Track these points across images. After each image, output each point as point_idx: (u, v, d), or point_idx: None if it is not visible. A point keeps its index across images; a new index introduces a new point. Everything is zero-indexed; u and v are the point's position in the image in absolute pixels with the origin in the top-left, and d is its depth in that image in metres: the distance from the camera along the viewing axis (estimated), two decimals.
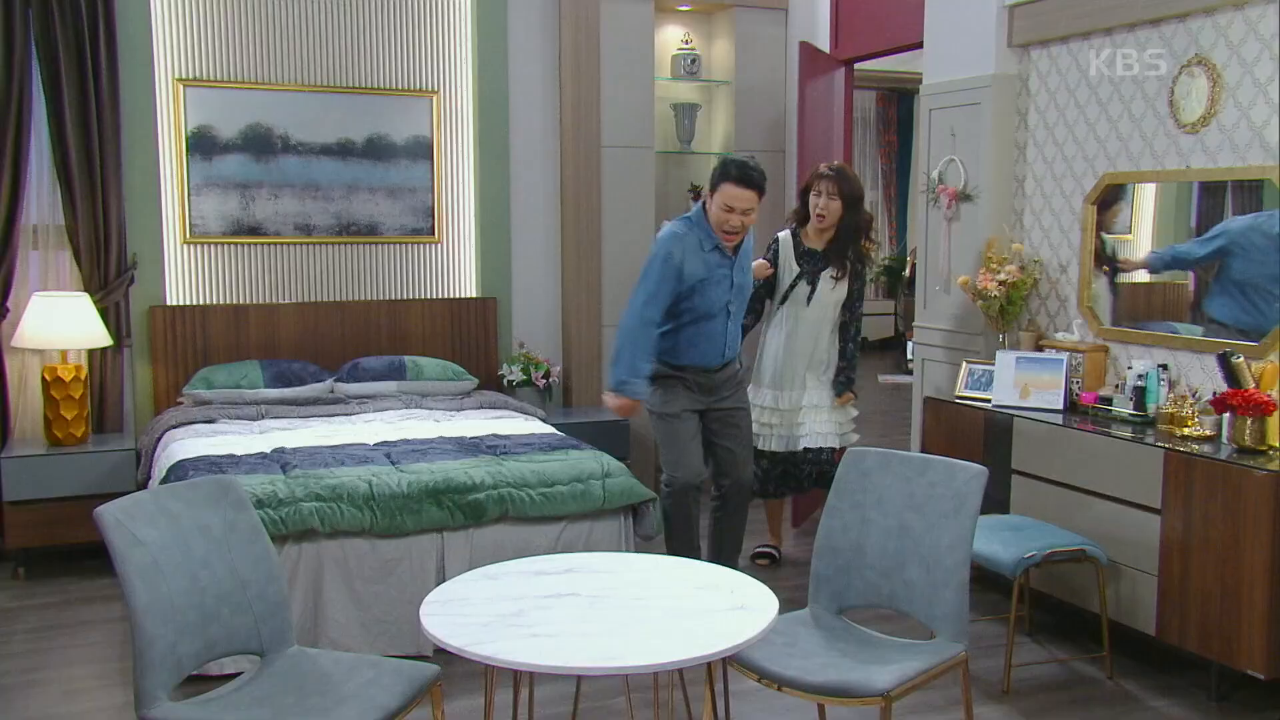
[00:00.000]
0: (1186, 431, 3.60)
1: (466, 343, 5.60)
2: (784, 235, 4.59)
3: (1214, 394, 3.58)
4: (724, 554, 4.23)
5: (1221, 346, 3.61)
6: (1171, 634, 3.50)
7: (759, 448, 4.56)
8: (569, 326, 5.79)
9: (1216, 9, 3.73)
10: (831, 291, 4.52)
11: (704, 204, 3.98)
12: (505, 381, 5.51)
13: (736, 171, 3.86)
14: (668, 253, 3.91)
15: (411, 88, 5.55)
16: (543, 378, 5.50)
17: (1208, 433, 3.58)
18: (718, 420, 4.17)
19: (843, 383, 4.61)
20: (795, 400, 4.57)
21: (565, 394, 5.80)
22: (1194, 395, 3.72)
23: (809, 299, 4.51)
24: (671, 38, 6.10)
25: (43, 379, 4.69)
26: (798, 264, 4.52)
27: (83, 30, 4.75)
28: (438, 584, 3.38)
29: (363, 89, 5.45)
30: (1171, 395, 3.78)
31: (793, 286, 4.52)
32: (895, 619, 3.66)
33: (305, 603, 3.61)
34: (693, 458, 4.06)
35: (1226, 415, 3.51)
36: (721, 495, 4.23)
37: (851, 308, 4.57)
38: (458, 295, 5.73)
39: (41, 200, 4.88)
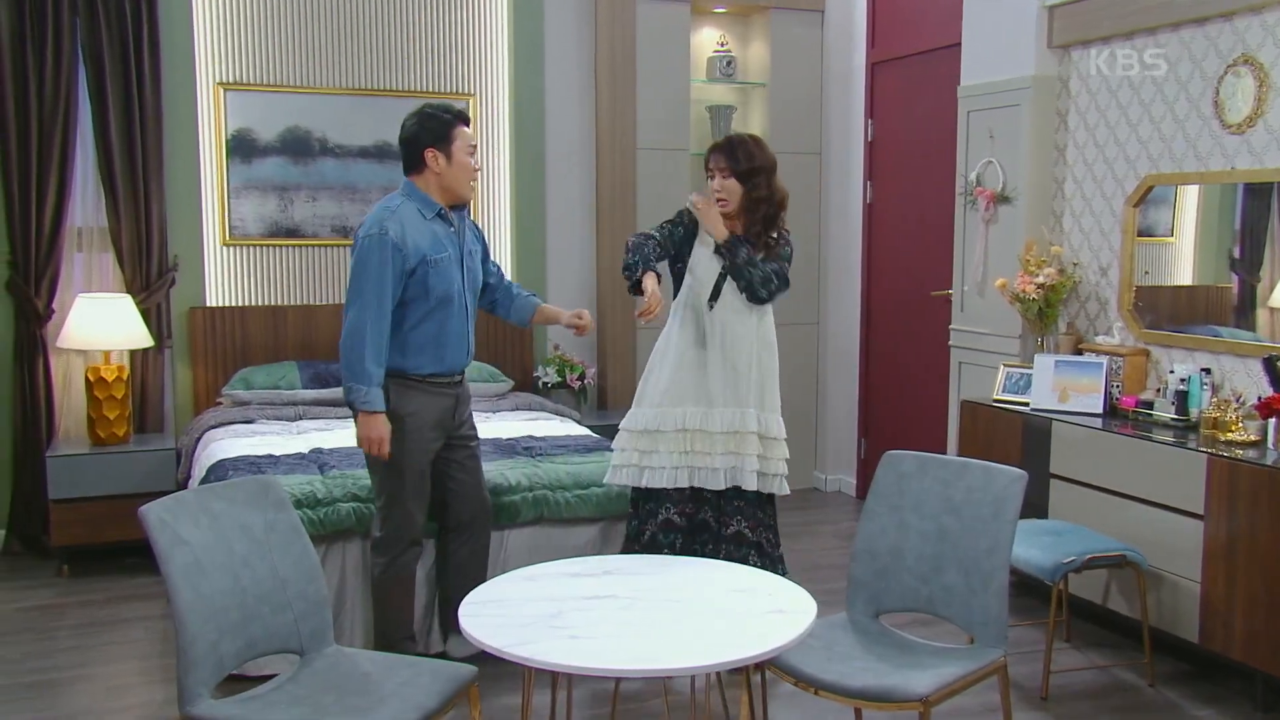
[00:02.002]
0: (1230, 436, 3.55)
1: (502, 344, 5.62)
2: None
3: (1259, 399, 3.53)
4: (466, 586, 3.13)
5: (1267, 350, 3.56)
6: (1215, 642, 3.45)
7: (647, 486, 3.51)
8: (604, 329, 5.79)
9: (1264, 7, 3.68)
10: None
11: (410, 180, 3.36)
12: (540, 383, 5.53)
13: (458, 111, 3.36)
14: (380, 230, 3.18)
15: (448, 90, 5.57)
16: (577, 380, 5.52)
17: (1252, 438, 3.53)
18: (457, 451, 3.50)
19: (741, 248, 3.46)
20: (716, 421, 3.46)
21: (600, 396, 5.81)
22: (1238, 400, 3.67)
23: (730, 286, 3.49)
24: (707, 39, 6.09)
25: (86, 379, 4.76)
26: (715, 249, 3.49)
27: (127, 37, 4.83)
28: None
29: (400, 92, 5.49)
30: (1215, 399, 3.73)
31: (722, 278, 3.49)
32: (933, 623, 3.63)
33: (343, 602, 3.63)
34: (422, 512, 3.43)
35: (1272, 420, 3.46)
36: (465, 526, 3.57)
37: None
38: None
39: (86, 203, 4.96)
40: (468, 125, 3.36)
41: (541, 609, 2.54)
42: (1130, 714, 3.42)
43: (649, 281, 3.30)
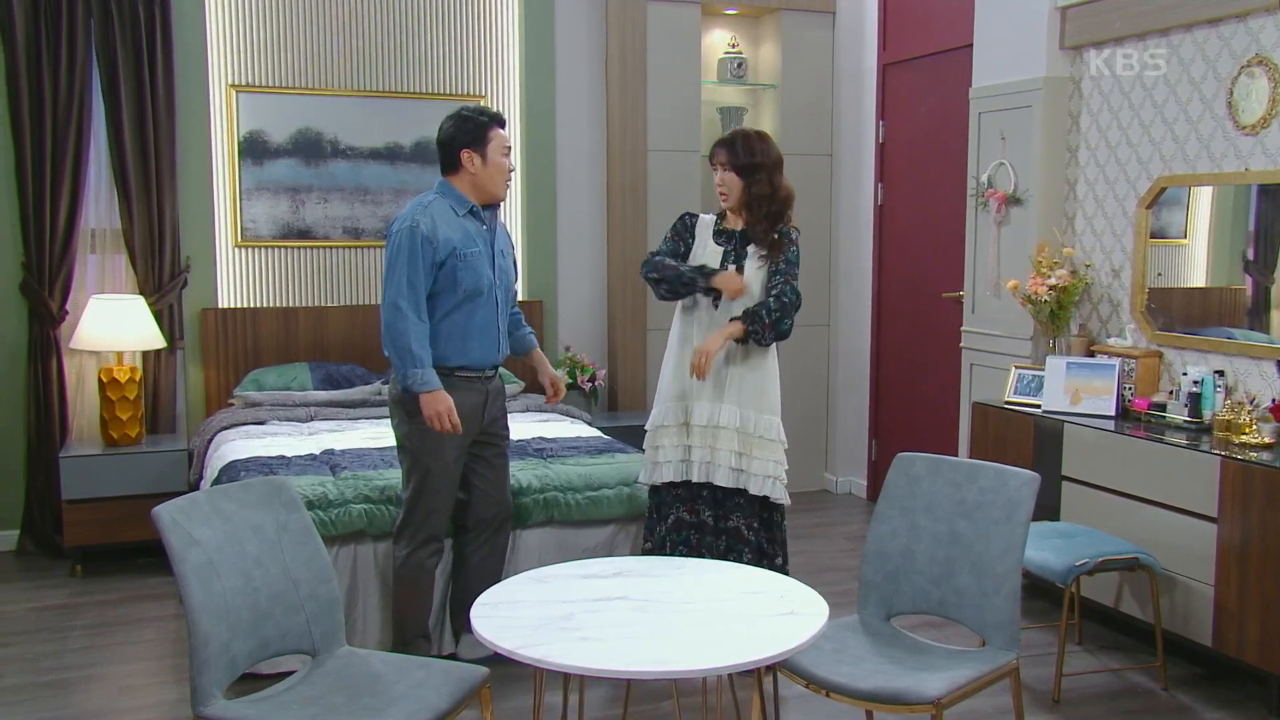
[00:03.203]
0: (1244, 439, 3.53)
1: None
2: (705, 216, 3.67)
3: (1273, 401, 3.51)
4: (481, 588, 2.98)
5: None
6: (1229, 645, 3.43)
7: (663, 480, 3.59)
8: (615, 330, 5.80)
9: (1278, 7, 3.66)
10: (758, 271, 3.51)
11: (446, 180, 3.43)
12: None
13: (494, 114, 3.42)
14: (413, 224, 3.28)
15: (459, 92, 5.59)
16: (588, 381, 5.52)
17: (1266, 440, 3.51)
18: (486, 449, 3.55)
19: (747, 315, 3.44)
20: (697, 414, 3.53)
21: (611, 397, 5.81)
22: (1252, 402, 3.65)
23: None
24: (718, 41, 6.09)
25: (99, 380, 4.78)
26: (715, 242, 3.56)
27: (140, 40, 4.85)
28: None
29: (411, 94, 5.50)
30: (1228, 402, 3.71)
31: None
32: (944, 626, 3.63)
33: (354, 603, 3.64)
34: (447, 507, 3.49)
35: None
36: (485, 525, 3.61)
37: (773, 280, 3.49)
38: None
39: (99, 205, 4.99)
40: (503, 127, 3.44)
41: (553, 610, 2.54)
42: (1143, 717, 3.41)
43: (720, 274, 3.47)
